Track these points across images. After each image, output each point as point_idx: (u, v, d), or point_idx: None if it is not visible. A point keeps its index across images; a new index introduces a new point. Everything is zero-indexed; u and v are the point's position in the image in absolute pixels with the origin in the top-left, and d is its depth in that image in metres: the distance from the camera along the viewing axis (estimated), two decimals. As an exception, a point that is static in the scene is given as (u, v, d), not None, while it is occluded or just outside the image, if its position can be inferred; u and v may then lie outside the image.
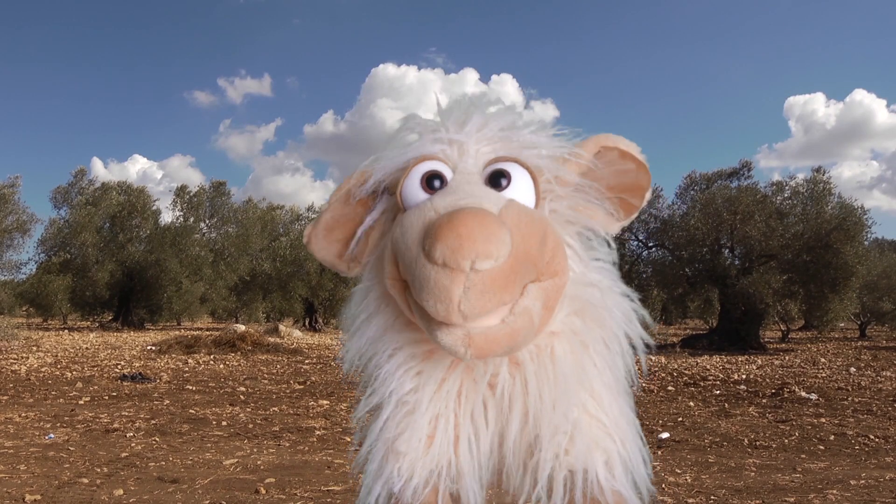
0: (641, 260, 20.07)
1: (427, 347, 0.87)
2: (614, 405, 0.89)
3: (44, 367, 11.15)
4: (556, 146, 0.92)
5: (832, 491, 4.32)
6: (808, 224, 17.51)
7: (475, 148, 0.89)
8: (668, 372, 11.28)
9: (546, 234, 0.79)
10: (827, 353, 16.45)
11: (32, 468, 4.73)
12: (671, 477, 4.72)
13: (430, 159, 0.88)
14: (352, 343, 0.92)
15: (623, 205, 0.94)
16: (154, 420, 6.71)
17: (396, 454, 0.88)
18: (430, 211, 0.78)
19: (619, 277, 0.94)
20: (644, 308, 0.93)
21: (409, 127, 0.96)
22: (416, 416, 0.87)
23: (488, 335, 0.74)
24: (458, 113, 0.93)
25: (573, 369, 0.85)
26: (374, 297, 0.91)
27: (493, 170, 0.86)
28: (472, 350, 0.74)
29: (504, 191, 0.84)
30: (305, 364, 12.72)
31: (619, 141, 0.94)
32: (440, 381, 0.87)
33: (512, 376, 0.86)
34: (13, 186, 22.74)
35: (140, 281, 26.39)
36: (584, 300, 0.88)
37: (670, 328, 28.63)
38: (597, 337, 0.88)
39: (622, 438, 0.88)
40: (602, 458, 0.86)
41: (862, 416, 7.31)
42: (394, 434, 0.88)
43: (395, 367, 0.88)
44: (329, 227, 0.96)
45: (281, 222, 29.76)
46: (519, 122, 0.94)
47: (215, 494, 4.20)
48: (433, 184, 0.86)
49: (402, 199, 0.87)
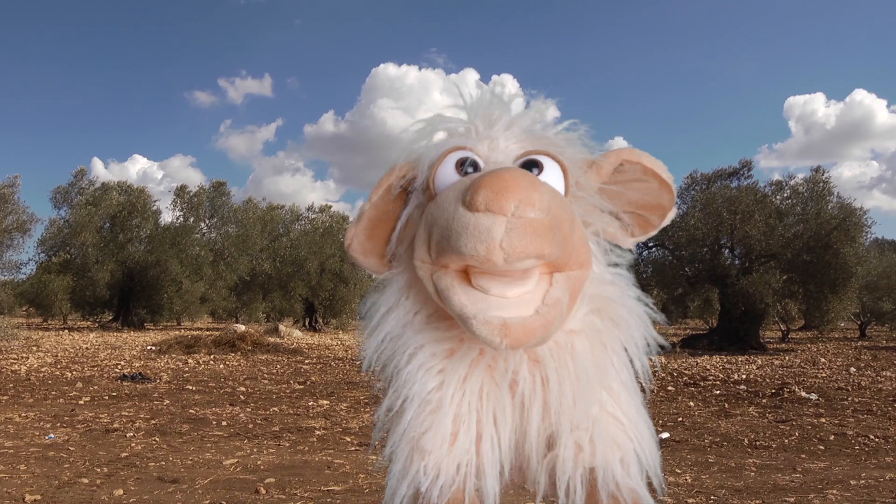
0: (641, 260, 20.05)
1: (448, 346, 0.87)
2: (631, 404, 0.89)
3: (44, 367, 11.14)
4: (581, 151, 0.92)
5: (832, 491, 4.32)
6: (808, 224, 17.51)
7: (505, 144, 0.90)
8: (668, 372, 11.28)
9: (574, 220, 0.80)
10: (827, 353, 16.45)
11: (32, 468, 4.72)
12: (671, 477, 4.72)
13: (463, 149, 0.88)
14: (371, 340, 0.92)
15: (640, 221, 0.94)
16: (154, 420, 6.70)
17: (422, 452, 0.87)
18: (466, 181, 0.78)
19: (633, 282, 0.94)
20: (659, 312, 0.94)
21: (438, 126, 0.96)
22: (440, 414, 0.86)
23: (524, 325, 0.74)
24: (485, 111, 0.93)
25: (593, 366, 0.86)
26: (395, 289, 0.90)
27: (525, 160, 0.87)
28: (507, 340, 0.74)
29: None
30: (305, 364, 12.72)
31: (643, 157, 0.93)
32: (462, 380, 0.87)
33: (532, 374, 0.86)
34: (13, 186, 22.73)
35: (140, 281, 26.38)
36: (603, 299, 0.89)
37: (670, 328, 28.59)
38: (614, 336, 0.89)
39: (638, 437, 0.88)
40: (618, 455, 0.86)
41: (862, 416, 7.31)
42: (418, 433, 0.87)
43: (417, 367, 0.87)
44: (372, 226, 0.95)
45: (281, 222, 29.73)
46: (542, 126, 0.95)
47: (215, 494, 4.20)
48: (467, 170, 0.86)
49: (434, 185, 0.86)
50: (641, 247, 19.90)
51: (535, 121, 0.94)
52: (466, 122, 0.94)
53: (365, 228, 0.95)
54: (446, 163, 0.86)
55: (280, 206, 30.37)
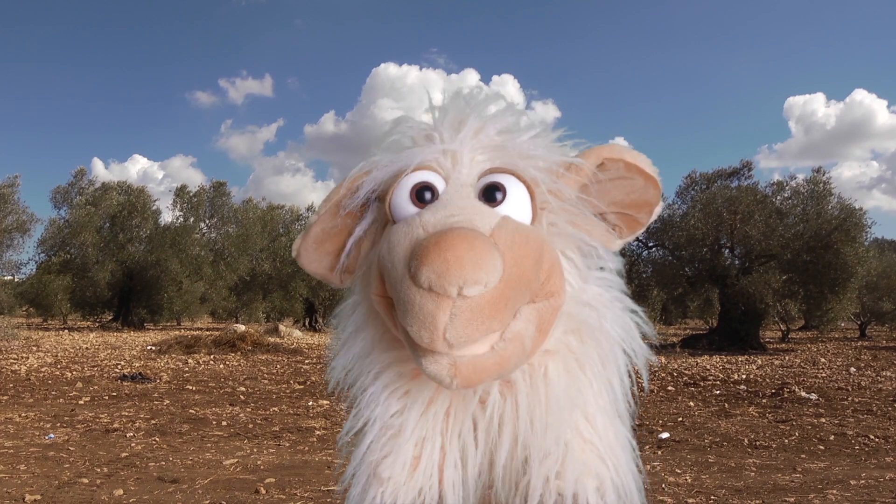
0: (641, 260, 20.05)
1: (415, 366, 0.81)
2: (609, 429, 0.84)
3: (44, 367, 11.14)
4: (555, 156, 0.86)
5: (832, 491, 4.32)
6: (808, 224, 17.51)
7: (470, 157, 0.85)
8: (668, 372, 11.28)
9: (542, 253, 0.75)
10: (827, 353, 16.45)
11: (32, 468, 4.72)
12: (671, 477, 4.71)
13: (423, 169, 0.83)
14: (338, 360, 0.89)
15: (627, 221, 0.89)
16: (154, 420, 6.70)
17: (380, 480, 0.83)
18: (418, 228, 0.74)
19: (622, 289, 0.89)
20: (647, 320, 0.89)
21: (400, 131, 0.91)
22: (401, 440, 0.83)
23: (476, 364, 0.70)
24: (453, 115, 0.88)
25: (566, 391, 0.81)
26: (362, 311, 0.87)
27: (487, 182, 0.82)
28: (458, 380, 0.70)
29: (499, 206, 0.79)
30: (305, 364, 12.72)
31: (625, 152, 0.87)
32: (428, 402, 0.83)
33: (503, 396, 0.82)
34: (13, 186, 22.75)
35: (140, 281, 26.37)
36: (582, 319, 0.84)
37: (670, 328, 28.61)
38: (593, 356, 0.84)
39: (616, 464, 0.83)
40: (594, 483, 0.82)
41: (862, 416, 7.31)
42: (377, 458, 0.84)
43: (381, 388, 0.84)
44: (319, 240, 0.91)
45: (281, 222, 29.72)
46: (518, 125, 0.89)
47: (215, 494, 4.20)
48: (424, 196, 0.81)
49: (391, 211, 0.82)
50: (641, 247, 19.91)
51: (512, 122, 0.88)
52: (430, 128, 0.89)
53: (313, 242, 0.91)
54: (402, 187, 0.82)
55: (280, 206, 30.39)
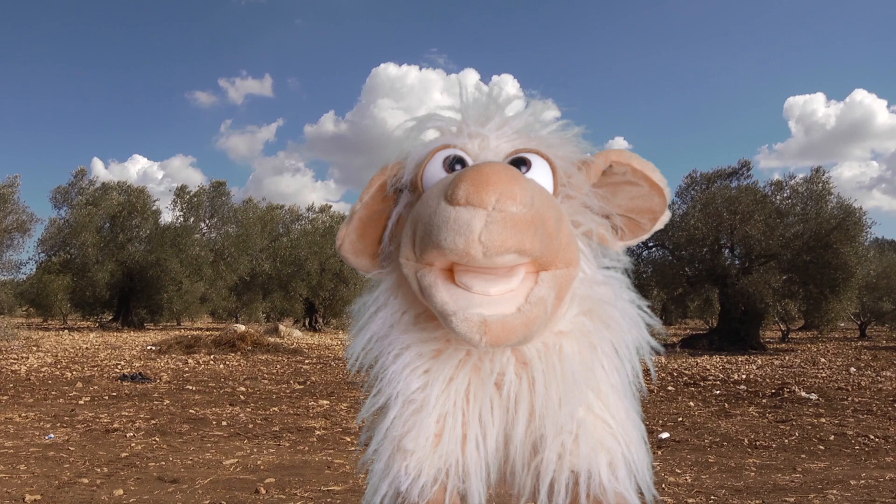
0: (641, 260, 20.05)
1: (435, 346, 0.86)
2: (620, 407, 0.87)
3: (44, 367, 11.14)
4: (573, 151, 0.91)
5: (832, 491, 4.32)
6: (807, 224, 17.51)
7: (496, 143, 0.89)
8: (668, 372, 11.28)
9: (561, 217, 0.78)
10: (827, 353, 16.45)
11: (32, 468, 4.72)
12: (671, 477, 4.72)
13: (454, 147, 0.87)
14: (358, 339, 0.92)
15: (630, 224, 0.91)
16: (154, 420, 6.70)
17: (404, 452, 0.87)
18: (450, 176, 0.77)
19: (628, 285, 0.92)
20: (652, 314, 0.92)
21: (429, 123, 0.95)
22: (424, 414, 0.85)
23: (505, 323, 0.73)
24: (477, 110, 0.92)
25: (581, 368, 0.84)
26: (385, 288, 0.90)
27: (514, 157, 0.86)
28: (487, 337, 0.72)
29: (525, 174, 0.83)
30: (305, 364, 12.72)
31: (633, 158, 0.90)
32: (448, 380, 0.86)
33: (518, 376, 0.85)
34: (13, 186, 22.71)
35: (140, 281, 26.38)
36: (595, 300, 0.87)
37: (670, 328, 28.62)
38: (605, 339, 0.87)
39: (627, 441, 0.86)
40: (606, 459, 0.85)
41: (862, 416, 7.30)
42: (401, 432, 0.87)
43: (402, 367, 0.87)
44: (363, 226, 0.94)
45: (281, 222, 29.74)
46: (536, 125, 0.93)
47: (215, 494, 4.20)
48: (454, 167, 0.85)
49: (422, 183, 0.85)
50: (641, 247, 19.90)
51: (530, 121, 0.93)
52: (459, 121, 0.93)
53: (356, 228, 0.94)
54: (434, 161, 0.86)
55: (280, 207, 30.40)
